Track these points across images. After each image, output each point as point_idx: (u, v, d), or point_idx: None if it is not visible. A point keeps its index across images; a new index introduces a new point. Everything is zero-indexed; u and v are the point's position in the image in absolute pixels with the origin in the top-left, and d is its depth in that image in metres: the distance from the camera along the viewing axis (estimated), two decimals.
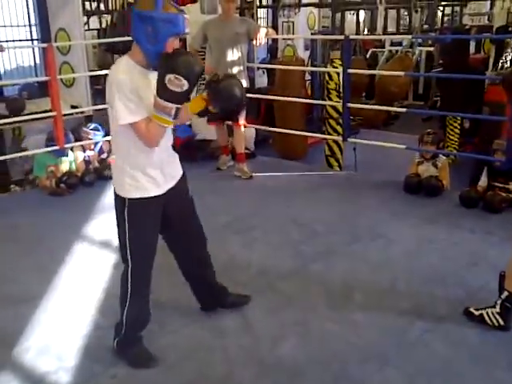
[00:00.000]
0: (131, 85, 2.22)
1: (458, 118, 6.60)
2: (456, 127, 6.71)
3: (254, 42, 5.02)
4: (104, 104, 6.58)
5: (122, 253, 2.52)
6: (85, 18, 10.22)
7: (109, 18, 10.07)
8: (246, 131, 5.44)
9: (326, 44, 8.65)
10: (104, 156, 5.74)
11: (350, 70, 5.40)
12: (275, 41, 10.10)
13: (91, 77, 8.17)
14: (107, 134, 5.92)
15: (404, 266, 3.53)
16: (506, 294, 2.78)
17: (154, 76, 2.28)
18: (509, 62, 6.39)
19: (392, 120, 9.30)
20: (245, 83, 5.09)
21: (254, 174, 5.34)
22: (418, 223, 4.20)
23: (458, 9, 11.90)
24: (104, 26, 10.79)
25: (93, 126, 5.70)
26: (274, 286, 3.31)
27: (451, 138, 6.70)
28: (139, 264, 2.51)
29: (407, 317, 2.96)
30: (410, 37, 9.09)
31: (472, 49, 9.34)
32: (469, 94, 6.41)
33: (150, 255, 2.55)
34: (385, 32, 10.79)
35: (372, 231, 4.08)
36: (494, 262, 3.41)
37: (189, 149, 5.88)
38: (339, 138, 5.75)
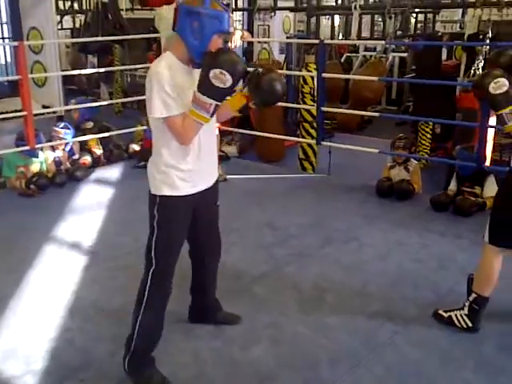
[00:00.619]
0: (172, 81, 2.19)
1: (430, 123, 6.70)
2: (428, 132, 6.81)
3: (230, 44, 5.00)
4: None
5: (147, 252, 2.42)
6: (58, 17, 10.12)
7: (82, 17, 9.98)
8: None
9: (301, 48, 8.70)
10: (75, 157, 5.67)
11: (324, 74, 5.44)
12: (251, 44, 10.14)
13: (64, 77, 8.07)
14: (76, 134, 5.85)
15: (375, 269, 3.56)
16: (473, 296, 2.83)
17: (195, 74, 2.26)
18: (481, 69, 6.51)
19: (365, 124, 9.40)
20: None
21: (228, 177, 5.33)
22: (390, 226, 4.25)
23: (430, 16, 12.08)
24: (77, 25, 10.70)
25: (62, 124, 5.64)
26: (248, 289, 3.30)
27: (423, 142, 6.80)
28: (162, 266, 2.41)
29: (378, 319, 2.98)
30: (383, 42, 9.20)
31: (444, 55, 9.50)
32: (440, 100, 6.52)
33: (173, 257, 2.45)
34: (359, 37, 10.91)
35: (345, 234, 4.11)
36: (463, 264, 3.47)
37: None
38: (313, 142, 5.78)
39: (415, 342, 2.79)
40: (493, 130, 4.75)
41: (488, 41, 6.56)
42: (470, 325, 2.84)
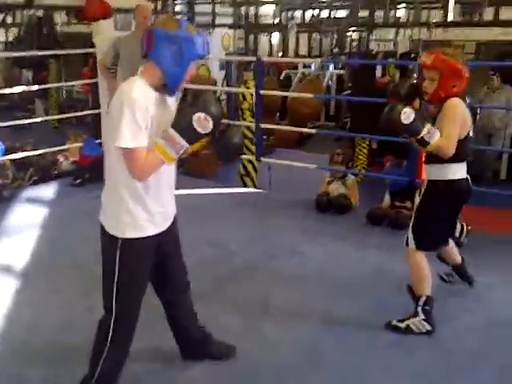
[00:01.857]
0: (145, 111, 2.04)
1: (367, 139, 6.88)
2: (364, 147, 6.99)
3: None
4: (9, 121, 6.25)
5: (106, 299, 2.24)
6: None
7: (16, 31, 9.71)
8: None
9: (242, 65, 8.78)
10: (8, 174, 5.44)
11: (262, 91, 5.50)
12: None
13: None
14: (7, 150, 5.63)
15: (316, 282, 3.60)
16: (422, 299, 2.93)
17: (170, 103, 2.22)
18: None
19: (305, 140, 9.54)
20: None
21: None
22: (329, 240, 4.32)
23: (365, 35, 12.47)
24: (11, 39, 10.39)
25: None
26: None
27: (360, 157, 6.97)
28: (126, 313, 2.26)
29: (319, 331, 3.02)
30: (319, 60, 9.42)
31: (378, 73, 9.80)
32: (376, 116, 6.70)
33: (138, 303, 2.30)
34: (297, 55, 11.14)
35: (286, 249, 4.14)
36: (399, 275, 3.56)
37: (98, 168, 5.68)
38: (253, 158, 5.82)
39: (356, 352, 2.84)
40: None
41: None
42: (429, 328, 2.93)
